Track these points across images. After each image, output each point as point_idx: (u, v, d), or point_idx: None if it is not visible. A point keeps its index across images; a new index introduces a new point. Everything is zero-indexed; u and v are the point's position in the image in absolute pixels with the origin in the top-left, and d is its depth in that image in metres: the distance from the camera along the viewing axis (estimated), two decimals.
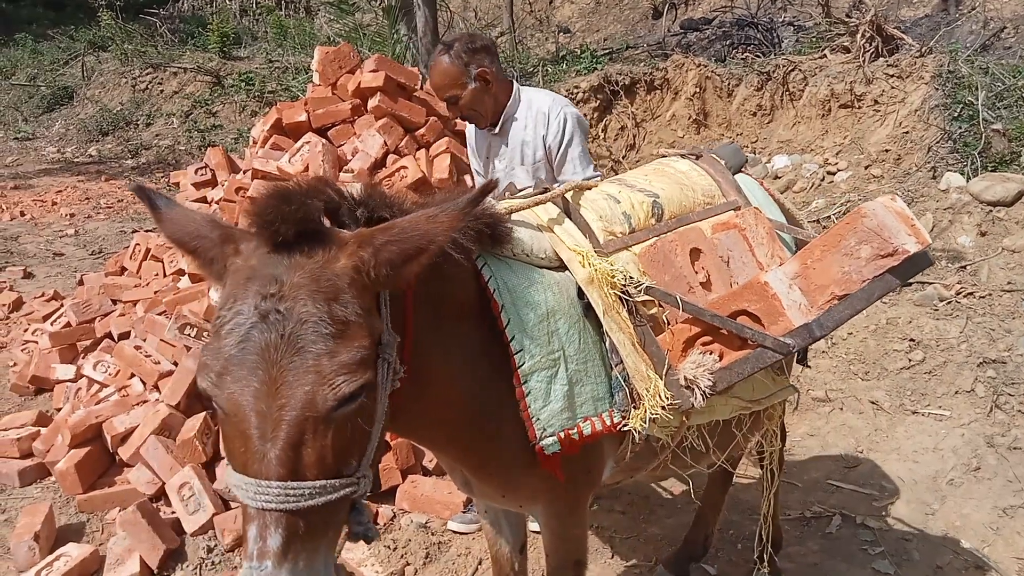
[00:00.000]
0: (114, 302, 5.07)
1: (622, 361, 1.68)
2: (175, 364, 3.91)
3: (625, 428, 1.70)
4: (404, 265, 1.22)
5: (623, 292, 1.69)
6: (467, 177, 4.28)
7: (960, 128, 5.84)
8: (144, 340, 4.08)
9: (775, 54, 9.56)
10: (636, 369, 1.65)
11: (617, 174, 8.03)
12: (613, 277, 1.67)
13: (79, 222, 8.46)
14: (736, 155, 2.24)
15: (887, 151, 6.55)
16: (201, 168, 5.52)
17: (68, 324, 4.89)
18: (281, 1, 17.64)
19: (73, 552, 3.00)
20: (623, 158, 8.25)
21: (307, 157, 4.21)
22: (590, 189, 1.97)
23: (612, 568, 3.01)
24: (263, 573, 1.11)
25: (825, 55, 7.95)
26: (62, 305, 5.54)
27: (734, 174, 2.19)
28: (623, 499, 3.44)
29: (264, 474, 1.13)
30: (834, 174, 6.75)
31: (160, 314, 4.25)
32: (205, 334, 3.82)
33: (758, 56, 9.43)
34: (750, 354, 1.49)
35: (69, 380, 4.38)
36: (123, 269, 5.69)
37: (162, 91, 13.31)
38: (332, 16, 16.17)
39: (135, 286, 5.23)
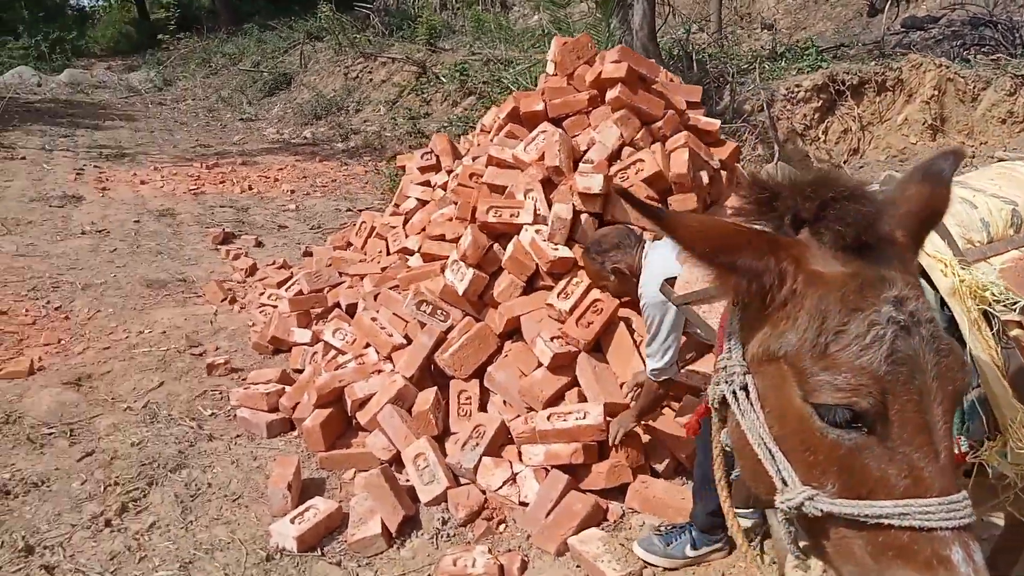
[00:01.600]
0: (341, 274, 5.38)
1: (979, 385, 1.49)
2: (406, 338, 4.07)
3: (974, 459, 1.51)
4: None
5: (989, 308, 1.50)
6: (703, 174, 4.14)
7: None
8: (377, 312, 4.28)
9: (1017, 56, 8.59)
10: (1002, 396, 1.46)
11: None
12: (984, 291, 1.49)
13: (298, 198, 9.11)
14: None
15: None
16: (427, 153, 5.74)
17: (300, 292, 5.25)
18: None
19: (320, 505, 3.18)
20: (844, 163, 7.72)
21: (542, 146, 4.23)
22: None
23: None
24: None
25: None
26: (291, 274, 5.97)
27: None
28: None
29: (948, 489, 1.05)
30: None
31: (392, 288, 4.45)
32: (439, 311, 3.94)
33: (1003, 57, 8.50)
34: None
35: (306, 344, 4.69)
36: (348, 244, 6.04)
37: (371, 79, 14.09)
38: (531, 10, 16.47)
39: (360, 261, 5.53)
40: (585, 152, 4.26)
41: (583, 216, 3.89)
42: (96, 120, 13.81)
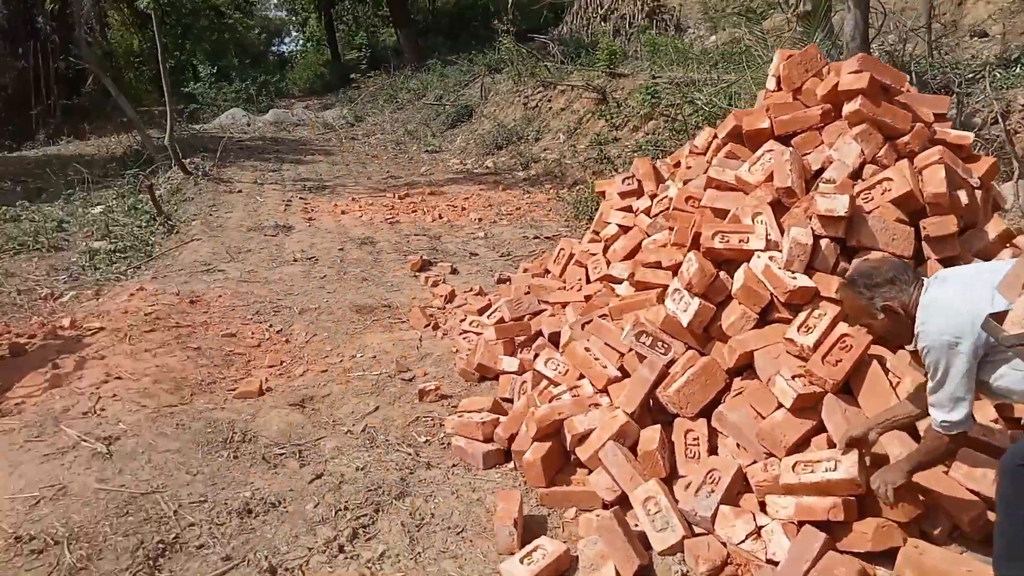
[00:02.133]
0: (541, 302, 5.31)
1: None
2: (621, 370, 3.89)
3: None
4: None
5: None
6: (961, 193, 3.66)
7: None
8: (588, 341, 4.13)
9: None
10: None
11: None
12: None
13: (486, 226, 9.25)
14: None
15: None
16: (628, 178, 5.58)
17: (502, 319, 5.23)
18: (653, 20, 17.93)
19: (548, 547, 3.04)
20: None
21: (769, 166, 3.92)
22: None
23: None
24: None
25: None
26: (490, 301, 5.99)
27: None
28: None
29: None
30: None
31: (602, 317, 4.29)
32: (660, 343, 3.73)
33: None
34: None
35: (514, 372, 4.63)
36: (546, 271, 5.98)
37: (550, 108, 14.22)
38: (707, 31, 16.00)
39: (559, 288, 5.44)
40: (818, 172, 3.91)
41: (823, 241, 3.54)
42: (298, 155, 14.92)
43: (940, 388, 2.46)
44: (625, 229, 5.18)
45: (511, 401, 4.37)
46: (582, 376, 4.00)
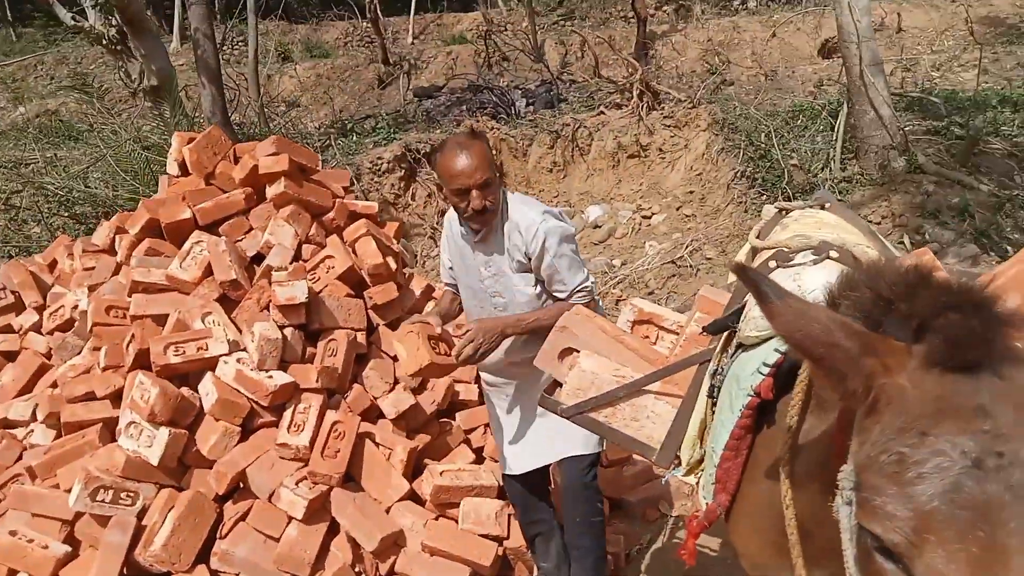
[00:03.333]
0: None
1: None
2: (69, 543, 3.01)
3: None
4: None
5: None
6: (390, 259, 3.92)
7: (765, 166, 6.72)
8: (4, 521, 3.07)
9: (515, 115, 10.21)
10: None
11: (435, 241, 7.84)
12: None
13: None
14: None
15: (691, 192, 7.30)
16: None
17: None
18: None
19: None
20: (438, 224, 8.17)
21: (202, 259, 3.53)
22: None
23: None
24: None
25: (603, 111, 8.68)
26: None
27: None
28: None
29: None
30: (649, 218, 7.33)
31: (14, 481, 3.25)
32: (124, 494, 3.00)
33: (501, 117, 9.98)
34: None
35: None
36: None
37: None
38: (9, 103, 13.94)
39: None
40: (254, 259, 3.70)
41: (288, 331, 3.35)
42: None
43: (572, 260, 2.70)
44: (10, 356, 4.04)
45: None
46: (16, 573, 2.94)
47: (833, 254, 1.69)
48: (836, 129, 6.90)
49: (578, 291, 2.71)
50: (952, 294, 1.03)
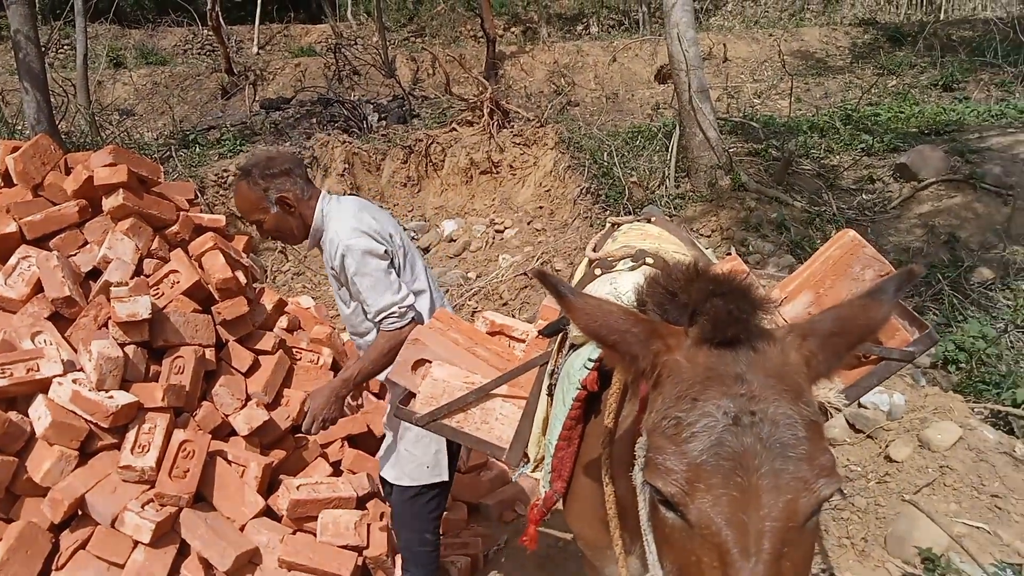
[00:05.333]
0: None
1: None
2: None
3: None
4: (845, 356, 1.19)
5: None
6: (239, 273, 3.84)
7: (608, 183, 7.11)
8: None
9: (367, 129, 10.23)
10: None
11: (286, 256, 7.70)
12: None
13: None
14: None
15: (540, 207, 7.60)
16: None
17: None
18: None
19: None
20: None
21: (31, 276, 3.31)
22: None
23: None
24: None
25: (455, 128, 8.86)
26: None
27: None
28: None
29: None
30: (502, 232, 7.56)
31: None
32: None
33: (353, 131, 9.97)
34: (873, 369, 1.79)
35: None
36: None
37: None
38: None
39: None
40: (90, 274, 3.52)
41: (129, 348, 3.21)
42: None
43: (376, 281, 2.50)
44: None
45: None
46: None
47: (649, 260, 1.91)
48: (670, 149, 7.44)
49: (385, 314, 2.54)
50: (718, 284, 1.23)
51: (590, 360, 1.63)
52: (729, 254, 6.46)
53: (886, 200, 7.06)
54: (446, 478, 2.70)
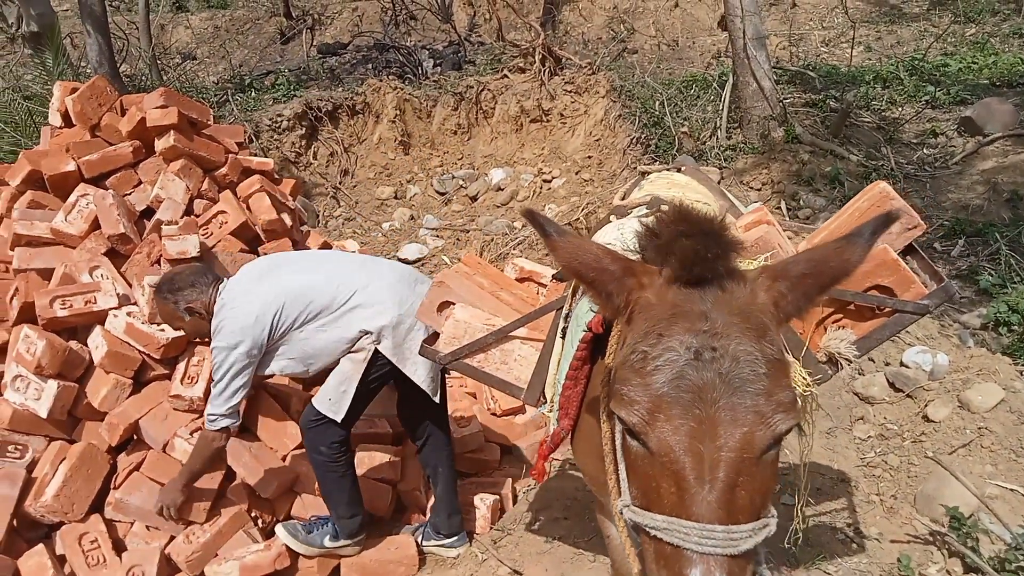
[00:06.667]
0: None
1: None
2: None
3: None
4: (817, 298, 1.22)
5: None
6: (285, 216, 3.97)
7: (659, 133, 7.00)
8: None
9: (422, 76, 10.20)
10: None
11: (338, 201, 7.82)
12: None
13: None
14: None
15: (589, 157, 7.53)
16: None
17: None
18: None
19: None
20: (340, 184, 8.13)
21: (89, 213, 3.48)
22: None
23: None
24: None
25: (507, 75, 8.78)
26: None
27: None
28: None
29: (707, 517, 1.10)
30: (550, 182, 7.53)
31: None
32: (11, 447, 3.00)
33: (408, 77, 9.95)
34: (887, 321, 1.79)
35: None
36: None
37: None
38: None
39: None
40: (144, 213, 3.68)
41: None
42: None
43: (220, 382, 2.72)
44: None
45: None
46: None
47: (664, 208, 1.91)
48: (722, 99, 7.25)
49: (209, 416, 2.76)
50: (691, 224, 1.25)
51: None
52: (778, 208, 6.25)
53: (948, 155, 6.77)
54: (338, 418, 2.84)
